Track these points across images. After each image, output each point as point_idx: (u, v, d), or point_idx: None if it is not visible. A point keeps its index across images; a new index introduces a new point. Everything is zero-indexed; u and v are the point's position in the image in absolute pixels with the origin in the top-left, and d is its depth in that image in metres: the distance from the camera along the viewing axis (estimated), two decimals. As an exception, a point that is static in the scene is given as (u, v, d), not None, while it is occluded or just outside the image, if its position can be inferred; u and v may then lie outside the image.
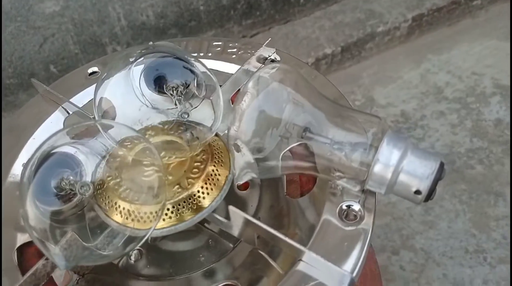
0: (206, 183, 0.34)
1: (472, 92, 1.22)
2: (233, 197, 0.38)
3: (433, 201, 1.03)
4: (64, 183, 0.32)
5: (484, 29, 1.37)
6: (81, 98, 0.43)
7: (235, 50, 0.44)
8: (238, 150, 0.36)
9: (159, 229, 0.33)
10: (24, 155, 0.39)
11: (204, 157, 0.35)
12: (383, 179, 0.29)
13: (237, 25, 1.26)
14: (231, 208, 0.31)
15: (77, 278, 0.34)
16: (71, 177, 0.32)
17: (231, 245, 0.36)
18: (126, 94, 0.38)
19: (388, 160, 0.28)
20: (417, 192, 0.28)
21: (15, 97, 1.14)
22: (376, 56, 1.34)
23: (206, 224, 0.38)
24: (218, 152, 0.36)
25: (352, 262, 0.29)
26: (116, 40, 1.14)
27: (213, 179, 0.34)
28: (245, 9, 1.24)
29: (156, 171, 0.33)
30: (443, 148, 1.11)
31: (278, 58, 0.43)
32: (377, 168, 0.29)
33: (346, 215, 0.32)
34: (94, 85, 0.42)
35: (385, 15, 1.31)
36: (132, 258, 0.37)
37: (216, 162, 0.35)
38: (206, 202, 0.34)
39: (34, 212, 0.30)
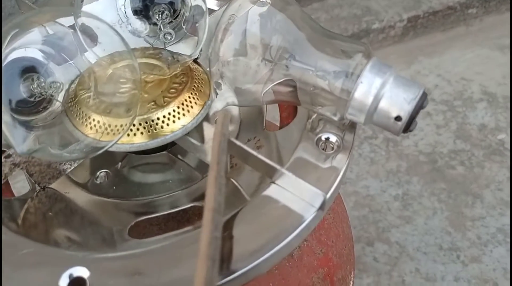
0: (182, 104, 0.33)
1: (460, 96, 1.23)
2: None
3: (412, 197, 1.03)
4: (34, 86, 0.30)
5: (477, 38, 1.39)
6: (64, 22, 0.42)
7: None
8: (220, 87, 0.35)
9: (129, 144, 0.31)
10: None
11: (183, 79, 0.34)
12: (363, 104, 0.28)
13: (234, 6, 1.25)
14: (206, 124, 0.30)
15: (37, 191, 0.32)
16: (41, 79, 0.30)
17: (201, 175, 0.35)
18: (108, 16, 0.37)
19: (370, 85, 0.28)
20: (397, 118, 0.27)
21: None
22: (369, 53, 1.34)
23: (180, 156, 0.37)
24: (198, 80, 0.35)
25: (326, 186, 0.28)
26: None
27: (190, 102, 0.33)
28: (243, -9, 1.23)
29: (132, 88, 0.32)
30: (427, 147, 1.12)
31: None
32: (358, 93, 0.28)
33: (324, 147, 0.31)
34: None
35: (381, 13, 1.31)
36: (98, 180, 0.35)
37: (195, 87, 0.34)
38: (181, 123, 0.32)
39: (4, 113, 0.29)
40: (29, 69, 0.31)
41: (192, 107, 0.33)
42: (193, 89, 0.34)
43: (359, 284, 0.91)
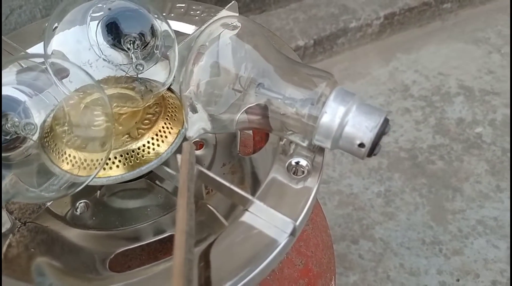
0: (157, 135, 0.34)
1: (437, 91, 1.25)
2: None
3: (394, 194, 1.06)
4: (8, 125, 0.31)
5: (452, 32, 1.41)
6: (38, 51, 0.42)
7: (198, 12, 0.43)
8: (194, 111, 0.36)
9: (106, 177, 0.32)
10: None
11: (157, 110, 0.35)
12: (328, 132, 0.29)
13: (212, 11, 1.26)
14: (179, 156, 0.31)
15: (18, 226, 0.33)
16: (16, 119, 0.31)
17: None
18: (80, 45, 0.37)
19: (334, 113, 0.29)
20: (361, 145, 0.29)
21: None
22: (347, 51, 1.36)
23: (157, 182, 0.38)
24: (172, 108, 0.36)
25: (296, 213, 0.29)
26: (86, 17, 1.12)
27: (164, 132, 0.34)
28: (220, -5, 1.24)
29: (105, 121, 0.32)
30: (407, 143, 1.14)
31: (239, 25, 0.43)
32: (323, 121, 0.29)
33: (295, 171, 0.32)
34: (52, 38, 0.41)
35: (358, 11, 1.33)
36: (78, 210, 0.36)
37: (169, 116, 0.35)
38: (156, 154, 0.33)
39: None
40: (4, 108, 0.32)
41: (166, 136, 0.34)
42: (167, 118, 0.35)
43: (346, 282, 0.93)
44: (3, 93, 0.32)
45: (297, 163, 0.32)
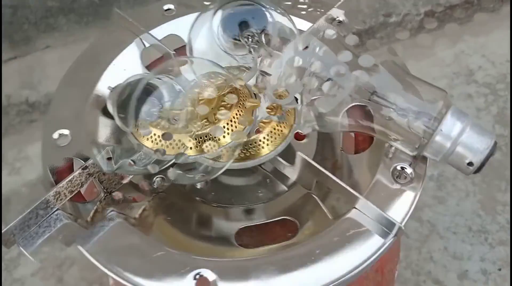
0: (274, 129, 0.37)
1: (503, 79, 1.22)
2: (291, 145, 0.41)
3: (447, 179, 1.07)
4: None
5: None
6: (156, 33, 0.46)
7: (305, 6, 0.46)
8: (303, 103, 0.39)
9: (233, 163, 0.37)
10: (105, 79, 0.43)
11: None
12: (442, 148, 0.32)
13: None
14: (299, 153, 0.35)
15: (104, 195, 0.37)
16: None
17: (286, 188, 0.41)
18: (206, 37, 0.41)
19: (450, 131, 0.32)
20: (470, 164, 0.32)
21: (54, 19, 1.14)
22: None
23: (262, 166, 0.42)
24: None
25: (401, 215, 0.33)
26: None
27: (280, 127, 0.38)
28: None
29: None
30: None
31: (346, 20, 0.45)
32: (438, 139, 0.32)
33: (398, 176, 0.36)
34: (170, 22, 0.45)
35: (398, 6, 1.29)
36: (198, 185, 0.41)
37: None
38: (272, 146, 0.37)
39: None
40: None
41: (281, 131, 0.38)
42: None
43: (389, 258, 0.97)
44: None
45: (402, 168, 0.36)
